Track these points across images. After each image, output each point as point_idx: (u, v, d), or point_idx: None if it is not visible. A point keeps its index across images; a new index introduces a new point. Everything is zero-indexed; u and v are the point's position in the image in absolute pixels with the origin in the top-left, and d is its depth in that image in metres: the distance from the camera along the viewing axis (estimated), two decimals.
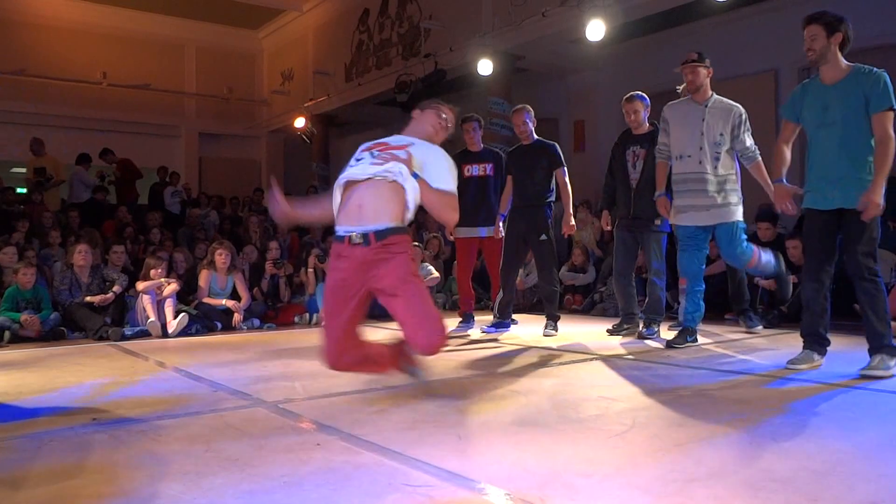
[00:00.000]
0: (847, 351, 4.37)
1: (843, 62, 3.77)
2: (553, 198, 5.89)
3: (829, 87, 3.77)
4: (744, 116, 4.76)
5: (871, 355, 3.71)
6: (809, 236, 3.90)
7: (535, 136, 5.92)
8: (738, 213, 4.78)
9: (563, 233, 5.95)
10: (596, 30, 8.67)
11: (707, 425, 2.68)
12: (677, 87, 5.06)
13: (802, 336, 3.98)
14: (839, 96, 3.71)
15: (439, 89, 11.69)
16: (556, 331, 5.79)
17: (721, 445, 2.42)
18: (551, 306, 5.90)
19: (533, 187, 5.80)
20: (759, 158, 4.77)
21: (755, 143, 4.82)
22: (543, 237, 5.77)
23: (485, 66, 10.17)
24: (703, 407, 3.00)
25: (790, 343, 4.75)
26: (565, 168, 5.87)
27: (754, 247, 4.96)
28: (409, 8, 12.37)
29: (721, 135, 4.72)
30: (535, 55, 10.76)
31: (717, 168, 4.71)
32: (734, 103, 4.82)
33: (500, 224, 6.02)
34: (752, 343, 5.14)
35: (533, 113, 5.96)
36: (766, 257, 5.01)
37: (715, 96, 4.83)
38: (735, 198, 4.78)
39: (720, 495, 1.91)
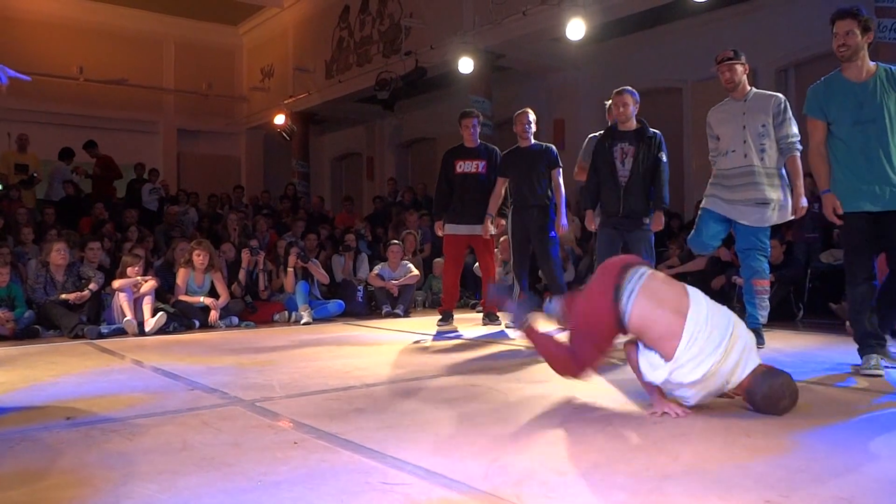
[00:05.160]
0: (823, 348, 4.41)
1: (869, 61, 3.73)
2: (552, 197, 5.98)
3: (858, 84, 3.72)
4: (784, 104, 4.59)
5: None
6: (855, 237, 3.77)
7: (533, 140, 5.99)
8: (772, 218, 4.57)
9: (556, 232, 5.98)
10: (576, 29, 8.72)
11: (682, 423, 2.70)
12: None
13: (857, 340, 3.81)
14: (874, 94, 3.67)
15: (420, 87, 11.70)
16: None
17: (696, 443, 2.43)
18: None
19: (536, 188, 5.86)
20: (798, 153, 4.56)
21: (799, 136, 4.58)
22: (553, 234, 5.84)
23: (465, 65, 10.18)
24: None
25: (783, 340, 4.79)
26: (561, 170, 5.93)
27: (769, 272, 4.78)
28: (390, 5, 12.35)
29: (763, 126, 4.55)
30: (515, 54, 10.79)
31: (763, 160, 4.55)
32: (774, 93, 4.69)
33: (489, 223, 6.05)
34: None
35: (534, 117, 6.03)
36: (766, 303, 4.78)
37: (755, 90, 4.70)
38: (781, 196, 4.56)
39: (694, 492, 1.93)
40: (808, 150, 3.99)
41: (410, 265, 7.86)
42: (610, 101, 5.89)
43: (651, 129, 5.30)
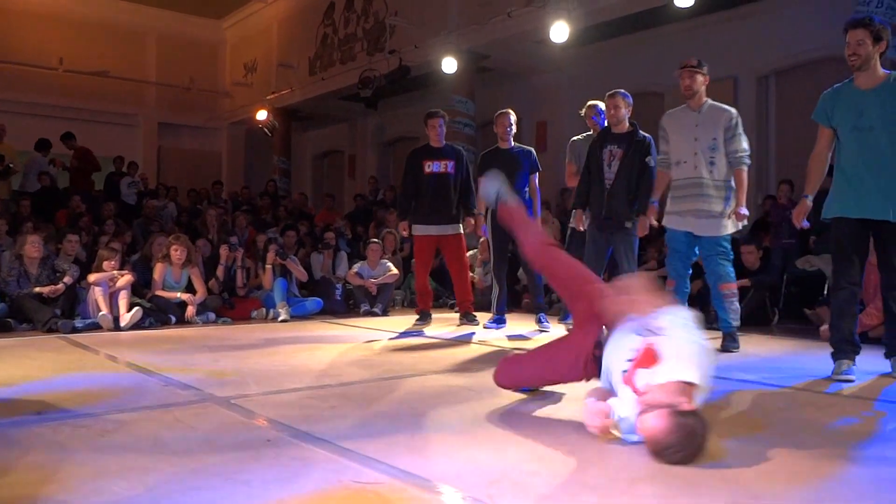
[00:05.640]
0: (797, 353, 4.46)
1: (881, 70, 3.76)
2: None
3: (864, 91, 3.75)
4: (736, 120, 4.68)
5: (890, 357, 3.85)
6: (841, 243, 3.82)
7: (513, 142, 6.02)
8: (730, 227, 4.70)
9: None
10: (560, 32, 8.74)
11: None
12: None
13: (833, 344, 3.86)
14: (876, 102, 3.70)
15: (403, 86, 11.68)
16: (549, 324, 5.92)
17: None
18: (538, 299, 6.08)
19: (515, 189, 5.85)
20: (746, 167, 4.67)
21: (749, 151, 4.71)
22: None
23: (449, 65, 10.18)
24: None
25: (756, 344, 4.83)
26: (538, 174, 5.99)
27: (734, 276, 4.85)
28: (375, 3, 12.32)
29: (714, 139, 4.64)
30: (499, 55, 10.80)
31: (712, 172, 4.64)
32: (728, 107, 4.77)
33: (482, 220, 6.12)
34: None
35: (515, 118, 6.05)
36: (737, 306, 4.85)
37: (709, 102, 4.76)
38: (727, 209, 4.67)
39: (665, 494, 1.94)
40: (811, 154, 4.04)
41: (390, 264, 7.84)
42: (586, 107, 5.97)
43: (642, 133, 5.32)
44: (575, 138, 6.17)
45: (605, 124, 5.62)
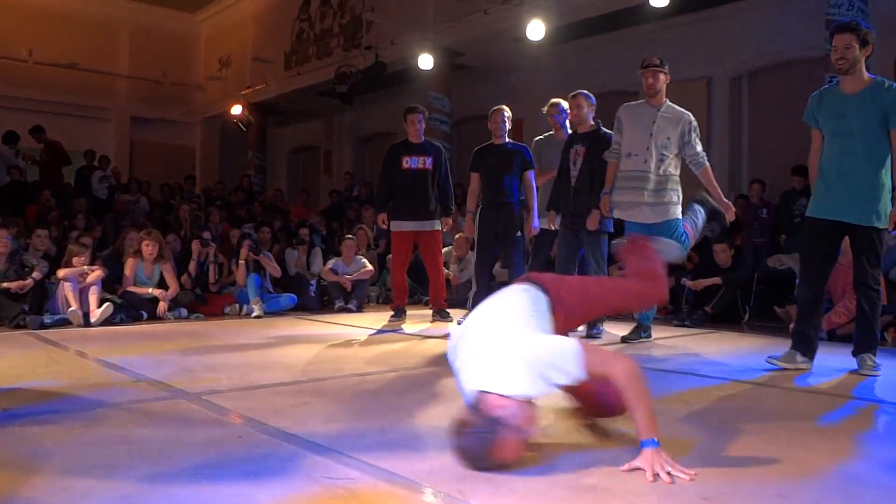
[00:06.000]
0: (766, 349, 4.50)
1: (866, 74, 3.82)
2: (521, 196, 5.99)
3: (847, 96, 3.81)
4: (693, 124, 4.93)
5: (857, 356, 3.89)
6: (811, 242, 3.94)
7: (507, 138, 6.00)
8: (678, 211, 4.90)
9: (525, 233, 5.98)
10: (536, 29, 8.78)
11: (628, 424, 2.74)
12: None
13: (791, 335, 4.05)
14: (857, 107, 3.76)
15: (379, 82, 11.64)
16: None
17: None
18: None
19: (506, 186, 5.85)
20: (707, 165, 4.94)
21: (704, 151, 4.98)
22: (518, 234, 5.84)
23: (425, 61, 10.17)
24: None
25: (721, 341, 4.90)
26: (534, 171, 5.92)
27: (688, 231, 5.03)
28: None
29: (668, 139, 4.87)
30: (476, 52, 10.81)
31: (659, 168, 4.86)
32: (685, 111, 4.97)
33: (471, 220, 6.11)
34: (688, 341, 5.29)
35: (509, 114, 6.03)
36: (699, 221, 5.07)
37: (668, 102, 4.98)
38: (675, 197, 4.91)
39: (636, 490, 1.96)
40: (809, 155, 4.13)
41: (365, 260, 7.82)
42: (548, 105, 6.02)
43: (604, 130, 5.42)
44: (537, 138, 6.21)
45: (567, 123, 5.77)
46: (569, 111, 5.62)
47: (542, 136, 6.18)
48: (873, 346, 3.87)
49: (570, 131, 5.90)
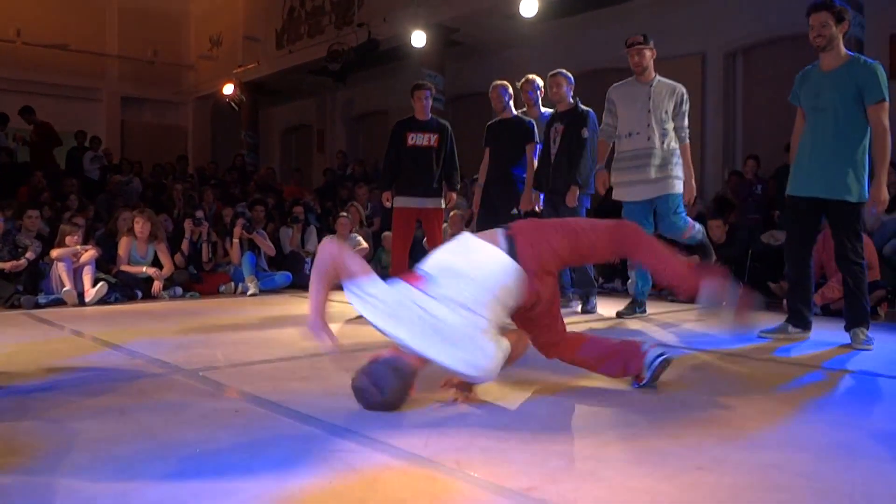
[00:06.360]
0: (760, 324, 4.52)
1: (843, 51, 3.88)
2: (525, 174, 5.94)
3: (825, 73, 3.89)
4: (685, 96, 4.97)
5: (849, 331, 3.91)
6: (791, 221, 4.09)
7: (514, 112, 5.94)
8: (679, 186, 4.95)
9: (520, 208, 5.93)
10: (529, 6, 8.74)
11: (623, 396, 2.76)
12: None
13: (787, 309, 4.16)
14: (832, 84, 3.84)
15: (372, 60, 11.56)
16: None
17: (634, 415, 2.49)
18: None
19: (508, 161, 5.82)
20: (688, 141, 4.99)
21: (688, 127, 5.02)
22: (514, 211, 5.81)
23: (418, 38, 10.10)
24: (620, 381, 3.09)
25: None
26: (537, 146, 5.87)
27: (689, 218, 5.13)
28: None
29: (666, 112, 4.91)
30: (469, 29, 10.73)
31: (664, 143, 4.90)
32: (676, 83, 5.01)
33: (478, 194, 6.09)
34: (685, 318, 5.32)
35: (511, 88, 5.98)
36: (698, 226, 5.17)
37: (658, 77, 5.01)
38: (679, 171, 4.95)
39: (629, 459, 1.98)
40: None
41: (359, 238, 7.81)
42: (523, 81, 6.00)
43: (582, 107, 5.47)
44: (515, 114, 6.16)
45: (539, 100, 5.89)
46: (548, 89, 5.64)
47: (517, 112, 6.16)
48: (864, 320, 3.90)
49: (542, 109, 5.94)
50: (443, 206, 6.14)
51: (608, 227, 2.85)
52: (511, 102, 5.93)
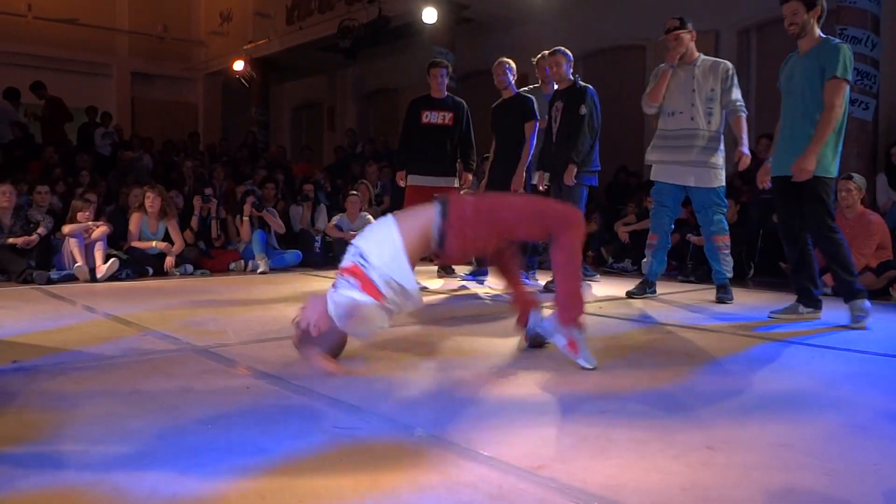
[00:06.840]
0: (769, 305, 4.51)
1: (818, 34, 3.94)
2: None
3: (800, 57, 3.98)
4: (732, 71, 4.87)
5: (848, 303, 3.93)
6: (777, 202, 4.19)
7: (516, 90, 5.90)
8: (721, 178, 4.87)
9: (512, 188, 5.89)
10: None
11: (631, 372, 2.76)
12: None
13: (796, 290, 4.18)
14: (802, 66, 3.92)
15: (383, 37, 11.48)
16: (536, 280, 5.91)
17: (644, 391, 2.49)
18: (526, 259, 6.02)
19: (510, 141, 5.79)
20: (744, 114, 4.85)
21: (742, 100, 4.89)
22: (520, 192, 5.79)
23: (429, 15, 10.02)
24: (635, 357, 3.08)
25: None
26: (536, 124, 5.81)
27: (727, 226, 5.01)
28: None
29: (712, 90, 4.83)
30: (480, 5, 10.64)
31: (709, 123, 4.82)
32: (722, 60, 4.95)
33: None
34: (698, 298, 5.30)
35: (514, 66, 5.93)
36: (730, 261, 5.01)
37: (702, 56, 4.92)
38: (720, 159, 4.86)
39: (639, 438, 1.98)
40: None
41: (369, 216, 7.79)
42: (538, 57, 5.96)
43: (581, 84, 5.44)
44: (522, 89, 6.09)
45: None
46: (548, 67, 5.61)
47: (525, 88, 6.12)
48: (855, 293, 3.89)
49: (556, 86, 5.88)
50: (457, 185, 6.09)
51: (538, 211, 3.03)
52: (513, 80, 5.90)
